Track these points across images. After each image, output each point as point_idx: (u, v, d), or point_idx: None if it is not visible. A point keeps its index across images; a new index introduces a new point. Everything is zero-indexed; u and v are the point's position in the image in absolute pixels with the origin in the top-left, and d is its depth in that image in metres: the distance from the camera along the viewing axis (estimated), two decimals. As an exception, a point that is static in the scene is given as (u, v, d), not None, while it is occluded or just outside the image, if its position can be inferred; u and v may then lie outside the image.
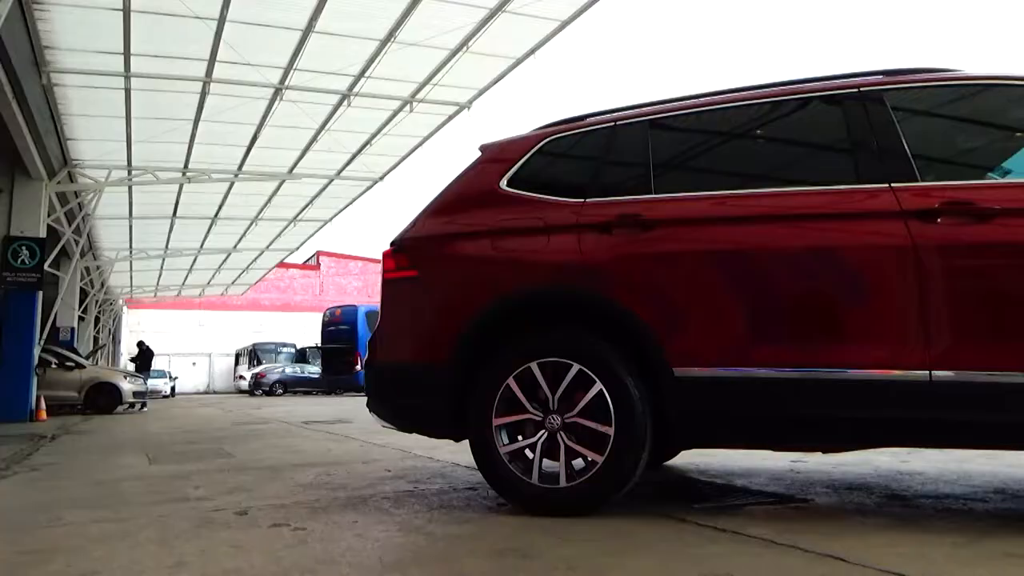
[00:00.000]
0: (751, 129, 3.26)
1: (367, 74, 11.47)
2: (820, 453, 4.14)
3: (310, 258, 44.16)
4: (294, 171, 15.80)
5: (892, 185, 2.69)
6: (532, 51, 10.90)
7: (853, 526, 2.63)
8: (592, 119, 3.42)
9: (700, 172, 3.31)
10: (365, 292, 41.79)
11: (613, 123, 3.31)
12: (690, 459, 4.50)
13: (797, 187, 2.97)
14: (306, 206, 19.01)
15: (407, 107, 12.76)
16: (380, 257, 3.59)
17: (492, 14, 9.87)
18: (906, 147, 2.74)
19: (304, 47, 10.45)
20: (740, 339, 2.82)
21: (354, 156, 15.17)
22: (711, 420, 2.85)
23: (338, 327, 25.99)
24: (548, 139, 3.41)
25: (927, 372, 2.52)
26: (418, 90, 12.24)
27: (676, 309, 2.91)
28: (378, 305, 3.59)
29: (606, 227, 3.03)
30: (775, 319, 2.80)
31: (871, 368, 2.60)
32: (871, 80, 2.95)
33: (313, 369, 30.22)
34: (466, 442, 3.16)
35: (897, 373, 2.56)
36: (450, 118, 13.34)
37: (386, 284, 3.49)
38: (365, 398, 3.59)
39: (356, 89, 11.96)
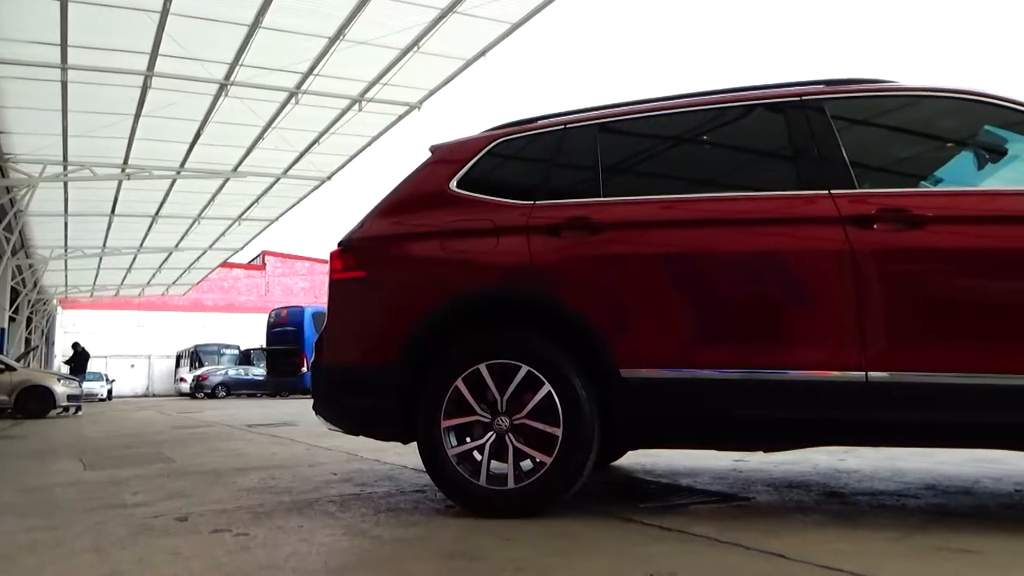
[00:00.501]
0: (698, 135, 3.32)
1: (316, 72, 11.33)
2: (762, 452, 4.25)
3: (255, 258, 43.30)
4: (239, 169, 15.50)
5: (832, 192, 2.77)
6: (483, 52, 10.92)
7: (793, 523, 2.70)
8: (543, 122, 3.44)
9: (648, 176, 3.35)
10: (312, 293, 41.15)
11: (563, 126, 3.33)
12: (636, 459, 4.56)
13: (742, 192, 3.04)
14: (251, 205, 18.67)
15: (356, 106, 12.64)
16: (328, 257, 3.54)
17: (443, 15, 9.85)
18: (845, 155, 2.83)
19: (251, 43, 10.26)
20: (685, 341, 2.87)
21: (301, 155, 14.96)
22: (657, 421, 2.89)
23: (284, 328, 25.56)
24: (498, 141, 3.41)
25: (863, 373, 2.60)
26: (367, 89, 12.14)
27: (623, 311, 2.94)
28: (325, 306, 3.54)
29: (555, 229, 3.05)
30: (719, 321, 2.86)
31: (810, 369, 2.67)
32: (812, 89, 3.03)
33: (257, 371, 29.71)
34: (414, 444, 3.14)
35: (835, 374, 2.64)
36: (400, 118, 13.27)
37: (334, 285, 3.45)
38: (311, 400, 3.54)
39: (304, 87, 11.80)
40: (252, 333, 35.20)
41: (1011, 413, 2.48)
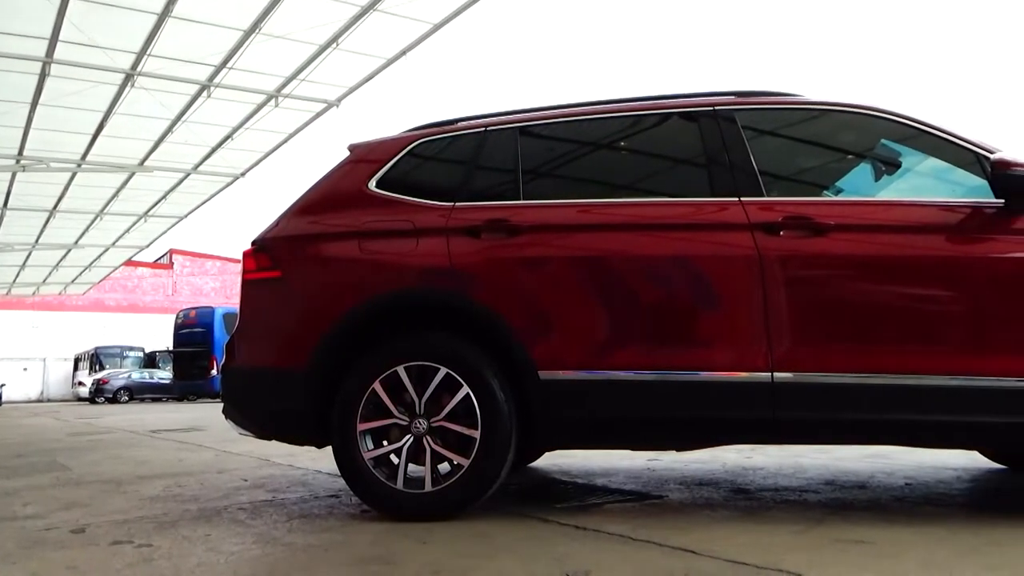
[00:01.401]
0: (616, 140, 3.39)
1: (230, 65, 10.99)
2: (675, 452, 4.37)
3: (162, 256, 41.62)
4: (145, 163, 14.85)
5: (741, 199, 2.88)
6: (404, 52, 10.84)
7: (703, 520, 2.79)
8: (464, 123, 3.44)
9: (567, 180, 3.40)
10: (223, 293, 39.85)
11: (484, 128, 3.33)
12: (553, 460, 4.61)
13: (657, 198, 3.13)
14: (159, 201, 17.94)
15: (272, 102, 12.33)
16: (240, 257, 3.44)
17: (364, 12, 9.73)
18: (754, 164, 2.94)
19: (160, 32, 9.86)
20: (602, 343, 2.92)
21: (213, 150, 14.47)
22: (575, 422, 2.92)
23: (192, 329, 24.73)
24: (419, 141, 3.39)
25: (770, 374, 2.71)
26: (284, 84, 11.86)
27: (542, 314, 2.97)
28: (237, 307, 3.43)
29: (474, 231, 3.05)
30: (634, 324, 2.92)
31: (720, 371, 2.76)
32: (724, 100, 3.15)
33: (163, 374, 28.62)
34: (329, 448, 3.07)
35: (743, 375, 2.74)
36: (318, 115, 13.02)
37: (246, 285, 3.35)
38: (221, 404, 3.42)
39: (217, 80, 11.43)
40: (158, 335, 33.89)
41: (904, 410, 2.64)
